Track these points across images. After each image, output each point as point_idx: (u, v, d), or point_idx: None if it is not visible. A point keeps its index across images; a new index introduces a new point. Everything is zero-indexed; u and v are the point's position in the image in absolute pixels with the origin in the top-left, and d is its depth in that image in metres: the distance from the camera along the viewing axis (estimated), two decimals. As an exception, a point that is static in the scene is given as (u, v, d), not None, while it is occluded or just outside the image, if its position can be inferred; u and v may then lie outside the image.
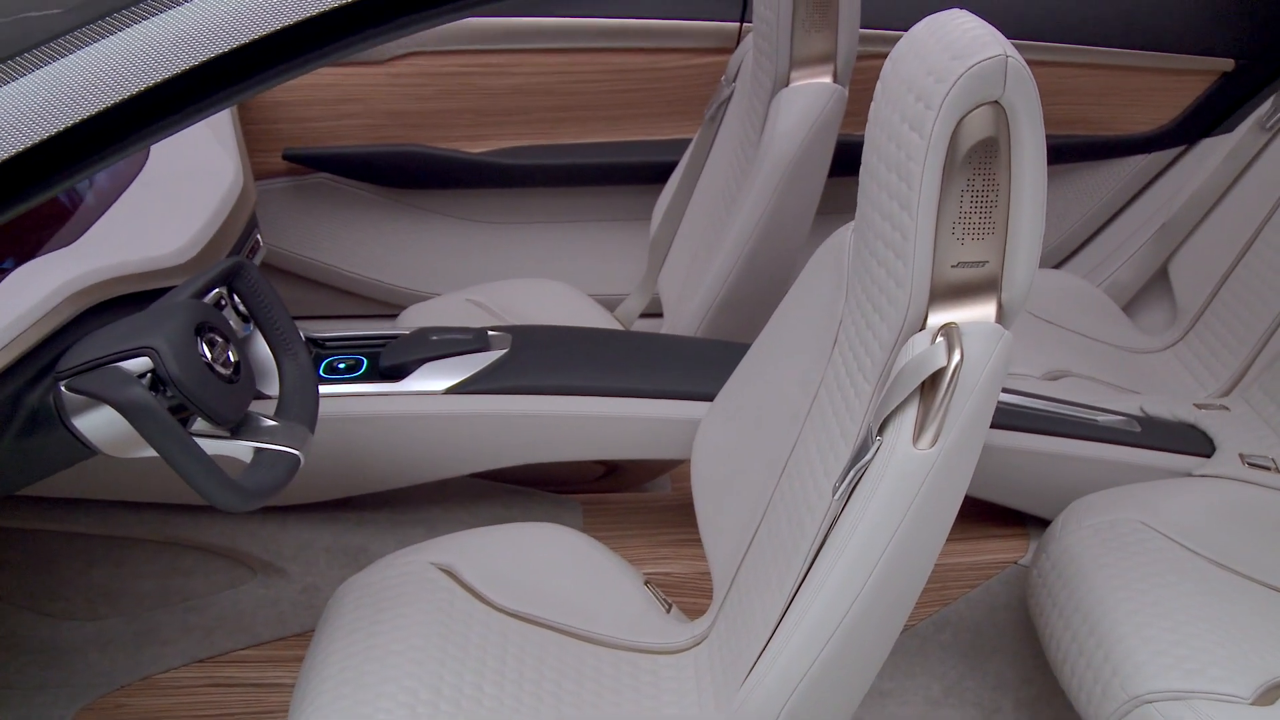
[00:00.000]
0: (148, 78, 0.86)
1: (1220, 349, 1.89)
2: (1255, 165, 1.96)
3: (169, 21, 0.86)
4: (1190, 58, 2.15)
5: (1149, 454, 1.58)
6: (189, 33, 0.86)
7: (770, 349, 1.36)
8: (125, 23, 0.86)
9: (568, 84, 2.11)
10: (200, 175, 1.50)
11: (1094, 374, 1.89)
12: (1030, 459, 1.54)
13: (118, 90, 0.86)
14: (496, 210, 2.23)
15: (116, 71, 0.85)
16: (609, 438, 1.51)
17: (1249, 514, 1.51)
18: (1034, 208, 0.99)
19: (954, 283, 1.01)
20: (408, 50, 2.03)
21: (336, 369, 1.52)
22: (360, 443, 1.48)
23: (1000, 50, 0.95)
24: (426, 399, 1.48)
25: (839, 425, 1.14)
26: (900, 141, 1.00)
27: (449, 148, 2.13)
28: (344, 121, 2.08)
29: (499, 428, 1.49)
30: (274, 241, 2.17)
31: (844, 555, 1.03)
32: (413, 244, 2.23)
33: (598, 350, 1.59)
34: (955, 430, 0.99)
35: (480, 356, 1.52)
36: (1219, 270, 1.94)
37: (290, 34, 0.86)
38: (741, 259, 1.71)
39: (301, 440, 1.19)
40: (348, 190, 2.17)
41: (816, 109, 1.63)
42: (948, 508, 1.04)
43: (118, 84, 0.86)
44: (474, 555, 1.41)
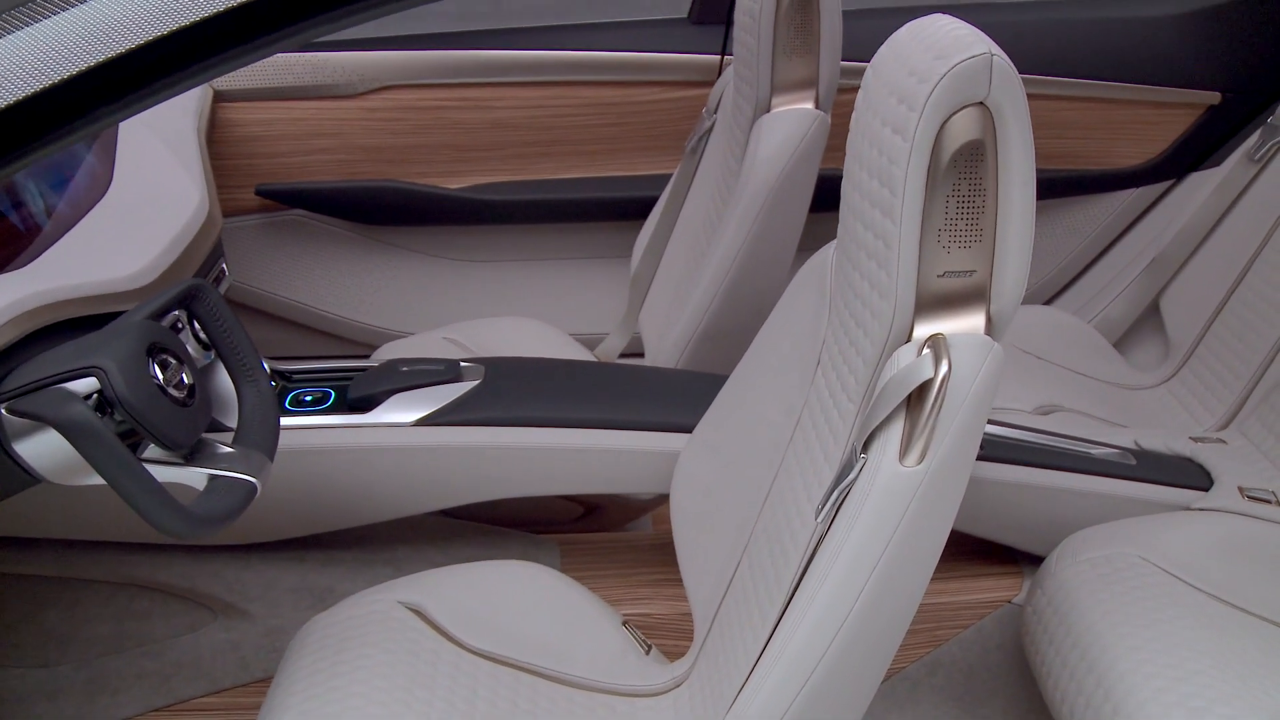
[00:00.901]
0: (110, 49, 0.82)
1: (1215, 383, 1.85)
2: (1244, 198, 1.93)
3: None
4: (1176, 90, 2.13)
5: (1145, 487, 1.53)
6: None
7: (751, 376, 1.31)
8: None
9: (546, 118, 2.07)
10: (164, 201, 1.45)
11: (1086, 409, 1.85)
12: (1022, 493, 1.49)
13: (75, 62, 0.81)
14: (473, 247, 2.19)
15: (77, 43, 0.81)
16: (586, 471, 1.45)
17: (1250, 548, 1.46)
18: (1023, 214, 0.95)
19: (940, 293, 0.97)
20: (382, 84, 2.00)
21: (303, 402, 1.47)
22: (327, 477, 1.42)
23: (985, 49, 0.91)
24: (395, 431, 1.42)
25: (822, 449, 1.08)
26: (882, 146, 0.96)
27: (425, 183, 2.09)
28: (317, 156, 2.04)
29: (471, 461, 1.43)
30: (246, 279, 2.13)
31: (828, 581, 0.97)
32: (388, 282, 2.18)
33: (574, 381, 1.53)
34: (944, 446, 0.94)
35: (452, 388, 1.47)
36: (1211, 304, 1.90)
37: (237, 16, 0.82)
38: (723, 289, 1.66)
39: (259, 468, 1.13)
40: (321, 227, 2.12)
41: (799, 134, 1.60)
42: (937, 530, 0.99)
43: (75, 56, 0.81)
44: (444, 594, 1.34)
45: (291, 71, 1.96)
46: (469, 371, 1.50)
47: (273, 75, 1.96)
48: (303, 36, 0.85)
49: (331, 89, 1.98)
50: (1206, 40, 2.12)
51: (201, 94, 1.83)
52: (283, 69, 1.96)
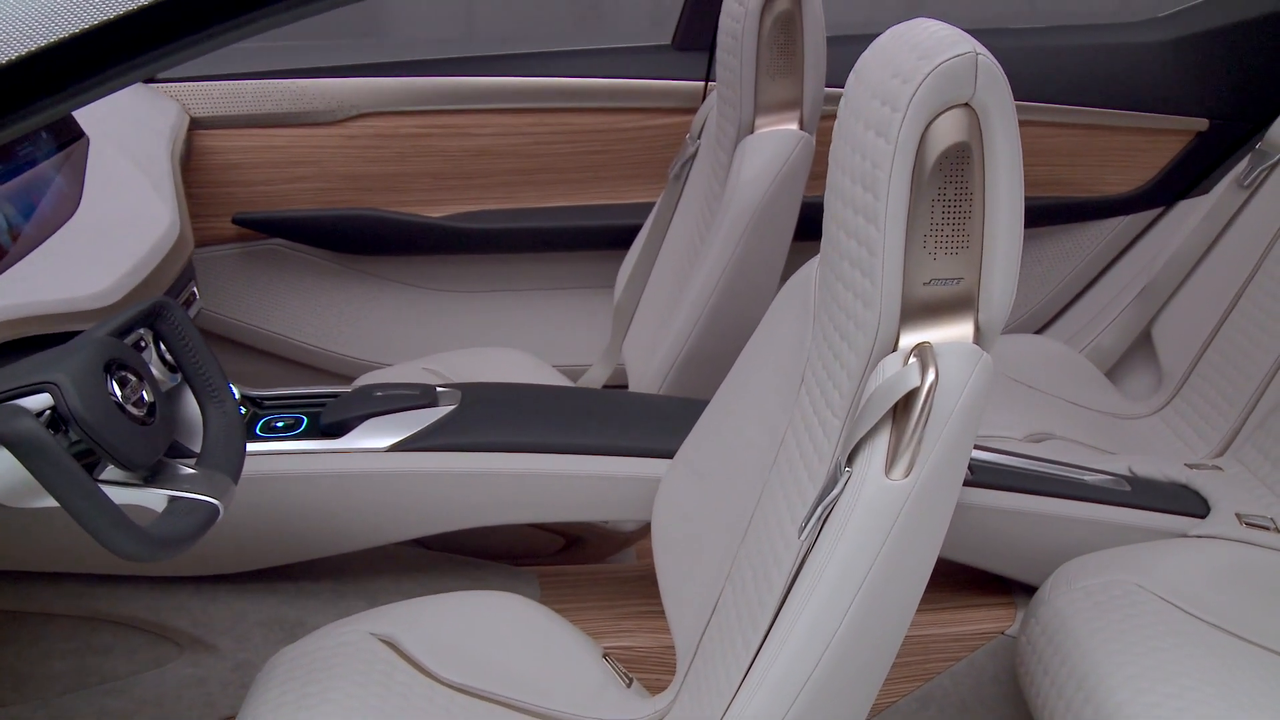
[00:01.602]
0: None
1: (1209, 411, 1.82)
2: (1234, 224, 1.90)
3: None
4: (1164, 117, 2.11)
5: (1141, 514, 1.49)
6: None
7: (734, 397, 1.27)
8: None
9: (528, 145, 2.05)
10: (133, 222, 1.42)
11: (1079, 438, 1.81)
12: (1014, 520, 1.44)
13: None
14: (454, 277, 2.16)
15: None
16: (566, 498, 1.41)
17: (1249, 575, 1.42)
18: (1011, 219, 0.91)
19: (927, 301, 0.93)
20: (362, 111, 1.97)
21: (274, 428, 1.42)
22: (298, 504, 1.38)
23: (970, 48, 0.88)
24: (369, 457, 1.38)
25: (806, 468, 1.04)
26: (865, 150, 0.93)
27: (405, 212, 2.06)
28: (296, 185, 2.01)
29: (446, 487, 1.39)
30: (222, 310, 2.09)
31: (812, 601, 0.93)
32: (367, 312, 2.15)
33: (552, 407, 1.49)
34: (932, 459, 0.90)
35: (427, 413, 1.42)
36: (1203, 332, 1.88)
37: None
38: (705, 313, 1.63)
39: (222, 490, 1.09)
40: (299, 256, 2.09)
41: (782, 155, 1.57)
42: (926, 547, 0.94)
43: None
44: (417, 625, 1.30)
45: (270, 99, 1.94)
46: (445, 396, 1.46)
47: (250, 102, 1.93)
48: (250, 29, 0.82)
49: (310, 116, 1.96)
50: (1194, 67, 2.11)
51: (177, 120, 1.80)
52: (261, 96, 1.93)
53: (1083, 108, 2.10)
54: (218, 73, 1.94)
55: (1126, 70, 2.11)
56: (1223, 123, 2.12)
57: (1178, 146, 2.14)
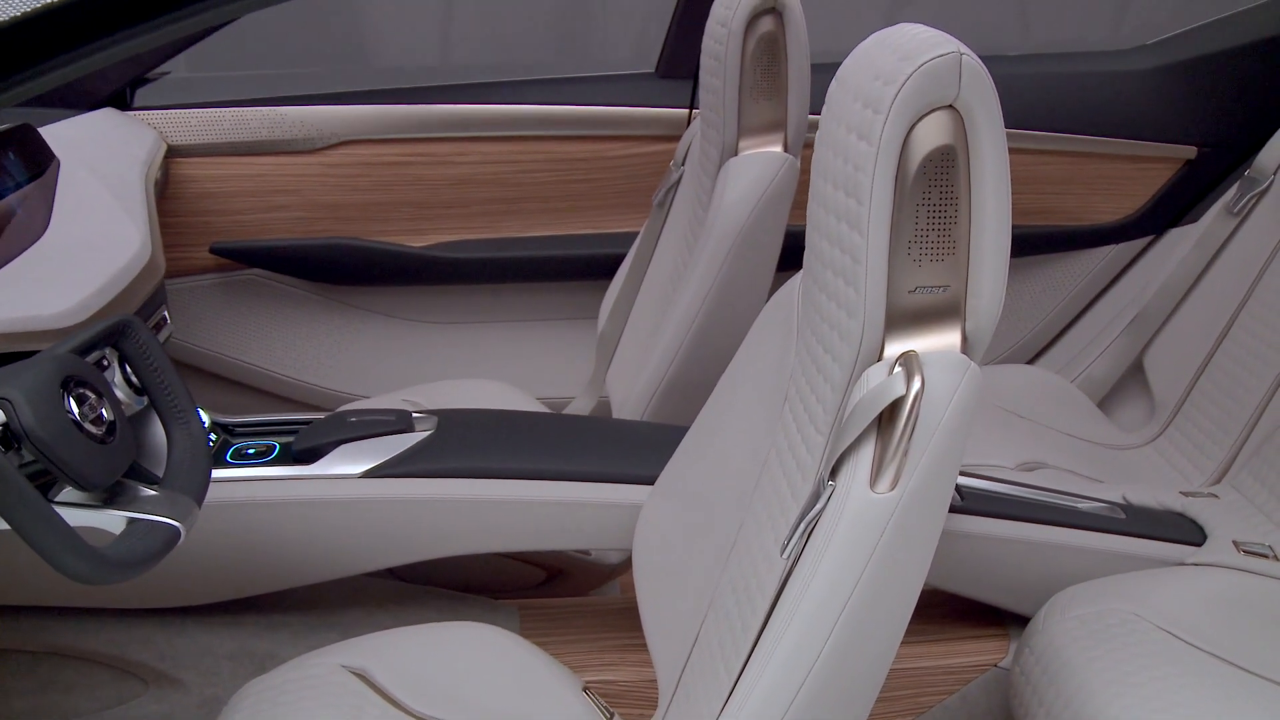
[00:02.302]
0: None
1: (1203, 440, 1.78)
2: (1225, 251, 1.88)
3: None
4: (1152, 144, 2.10)
5: (1136, 542, 1.45)
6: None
7: (716, 420, 1.23)
8: None
9: (511, 174, 2.02)
10: (102, 244, 1.38)
11: (1072, 467, 1.78)
12: (1007, 548, 1.41)
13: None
14: (436, 308, 2.12)
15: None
16: (545, 526, 1.37)
17: (1248, 604, 1.38)
18: (998, 225, 0.89)
19: (912, 309, 0.90)
20: (342, 139, 1.94)
21: (245, 455, 1.38)
22: (268, 532, 1.34)
23: (954, 48, 0.86)
24: (341, 483, 1.34)
25: (790, 486, 1.01)
26: (848, 154, 0.90)
27: (386, 241, 2.03)
28: (275, 214, 1.98)
29: (422, 514, 1.35)
30: (199, 341, 2.05)
31: (794, 621, 0.89)
32: (347, 344, 2.11)
33: (531, 433, 1.46)
34: (919, 471, 0.86)
35: (402, 438, 1.39)
36: (1196, 360, 1.85)
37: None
38: (689, 338, 1.59)
39: (185, 512, 1.04)
40: (278, 287, 2.05)
41: (767, 177, 1.54)
42: (913, 565, 0.90)
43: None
44: (390, 657, 1.25)
45: (248, 126, 1.91)
46: (421, 422, 1.42)
47: (229, 130, 1.91)
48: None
49: (289, 144, 1.93)
50: (1182, 94, 2.10)
51: (154, 146, 1.77)
52: (239, 124, 1.91)
53: (1071, 135, 2.08)
54: (196, 101, 1.92)
55: (1114, 98, 2.09)
56: (1211, 150, 2.10)
57: (1167, 174, 2.13)
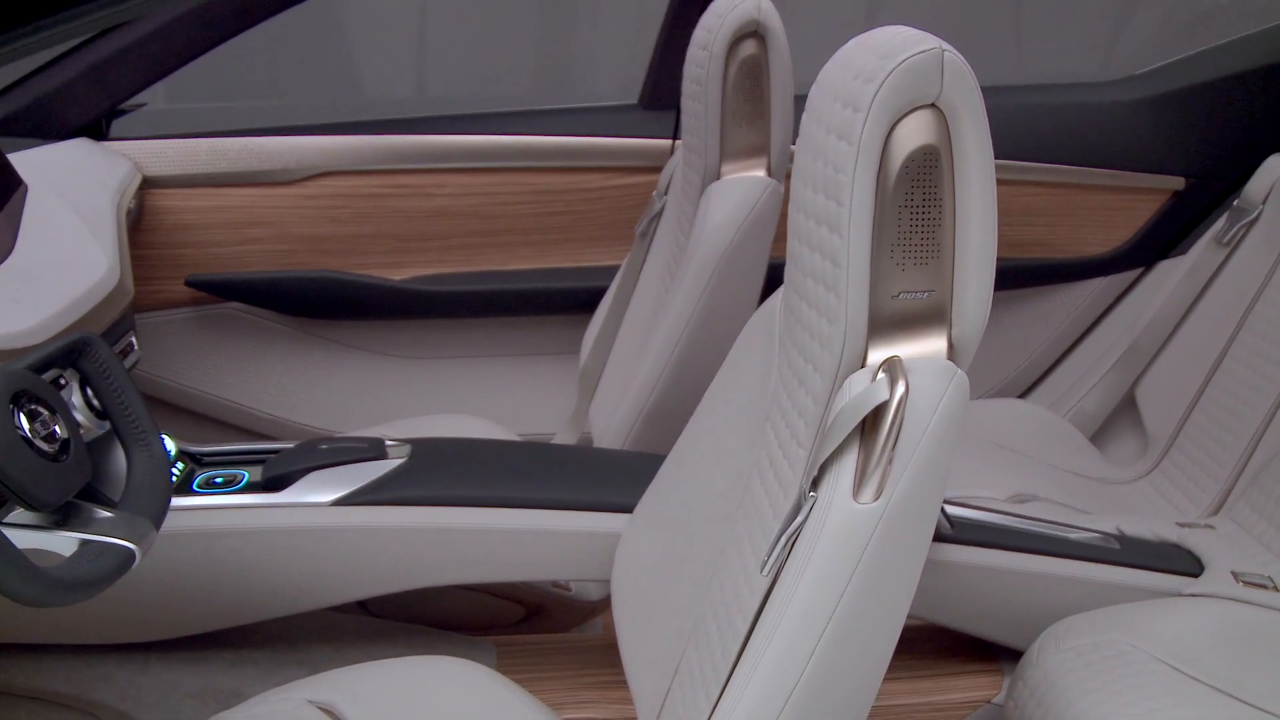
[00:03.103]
0: None
1: (1198, 473, 1.74)
2: (1215, 282, 1.86)
3: None
4: (1141, 175, 2.08)
5: (1131, 573, 1.41)
6: None
7: (696, 442, 1.19)
8: None
9: (492, 206, 1.99)
10: (67, 267, 1.35)
11: (1064, 500, 1.74)
12: (997, 579, 1.36)
13: None
14: (415, 343, 2.09)
15: None
16: (520, 555, 1.32)
17: (1248, 636, 1.34)
18: (983, 227, 0.85)
19: (896, 314, 0.87)
20: (320, 170, 1.91)
21: (213, 484, 1.34)
22: (234, 563, 1.29)
23: (935, 44, 0.83)
24: (311, 511, 1.29)
25: (771, 504, 0.97)
26: (828, 156, 0.87)
27: (365, 274, 2.00)
28: (252, 246, 1.94)
29: (394, 544, 1.30)
30: (175, 376, 2.01)
31: (775, 639, 0.84)
32: (325, 380, 2.07)
33: (508, 461, 1.41)
34: (904, 480, 0.82)
35: (375, 465, 1.34)
36: (1189, 393, 1.82)
37: None
38: (670, 365, 1.56)
39: (141, 534, 1.00)
40: (255, 321, 2.02)
41: (750, 202, 1.51)
42: (899, 581, 0.86)
43: None
44: (359, 692, 1.20)
45: (225, 157, 1.88)
46: (394, 450, 1.38)
47: (206, 161, 1.88)
48: None
49: (267, 175, 1.90)
50: (1169, 125, 2.08)
51: (127, 176, 1.74)
52: (216, 155, 1.88)
53: (1059, 166, 2.06)
54: (172, 132, 1.89)
55: (1101, 129, 2.08)
56: (1199, 181, 2.09)
57: (1155, 205, 2.11)
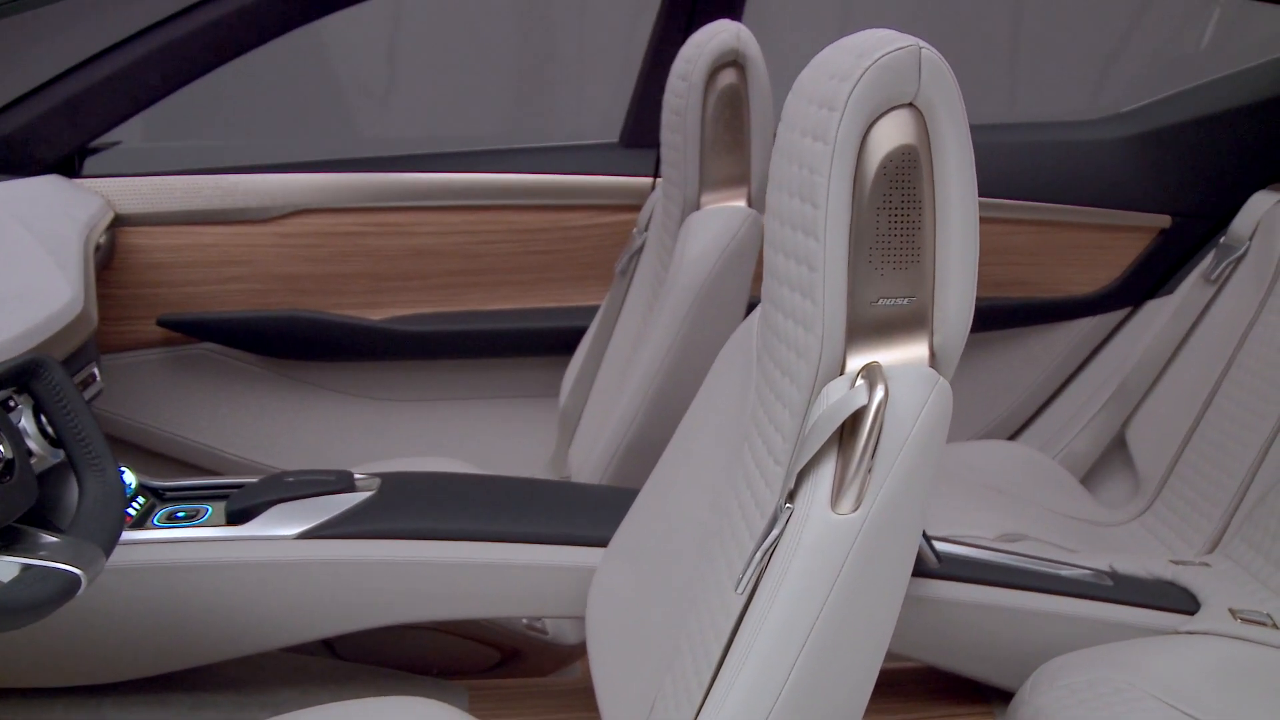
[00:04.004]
0: None
1: (1191, 513, 1.71)
2: (1204, 320, 1.83)
3: None
4: (1126, 214, 2.07)
5: (1125, 610, 1.36)
6: None
7: (673, 471, 1.16)
8: None
9: (472, 245, 1.96)
10: (28, 295, 1.31)
11: (1055, 540, 1.70)
12: (988, 616, 1.32)
13: None
14: (393, 385, 2.05)
15: None
16: (492, 591, 1.28)
17: (1248, 674, 1.29)
18: (964, 231, 0.82)
19: (875, 321, 0.83)
20: (297, 208, 1.88)
21: (175, 519, 1.29)
22: (194, 599, 1.24)
23: (912, 42, 0.81)
24: (275, 544, 1.25)
25: (747, 525, 0.92)
26: (803, 158, 0.85)
27: (342, 314, 1.96)
28: (227, 285, 1.91)
29: (362, 578, 1.26)
30: (146, 419, 1.96)
31: (749, 661, 0.80)
32: (301, 422, 2.03)
33: (480, 494, 1.37)
34: (885, 490, 0.79)
35: (342, 498, 1.30)
36: (1180, 432, 1.78)
37: None
38: (649, 398, 1.52)
39: (88, 560, 0.95)
40: (229, 362, 1.98)
41: (729, 232, 1.49)
42: (881, 599, 0.82)
43: None
44: None
45: (200, 195, 1.85)
46: (363, 483, 1.34)
47: (180, 199, 1.85)
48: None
49: (242, 213, 1.87)
50: (1154, 163, 2.07)
51: (99, 211, 1.71)
52: (191, 192, 1.85)
53: (1044, 204, 2.05)
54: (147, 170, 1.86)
55: (1086, 167, 2.06)
56: (1185, 219, 2.07)
57: (1141, 244, 2.09)
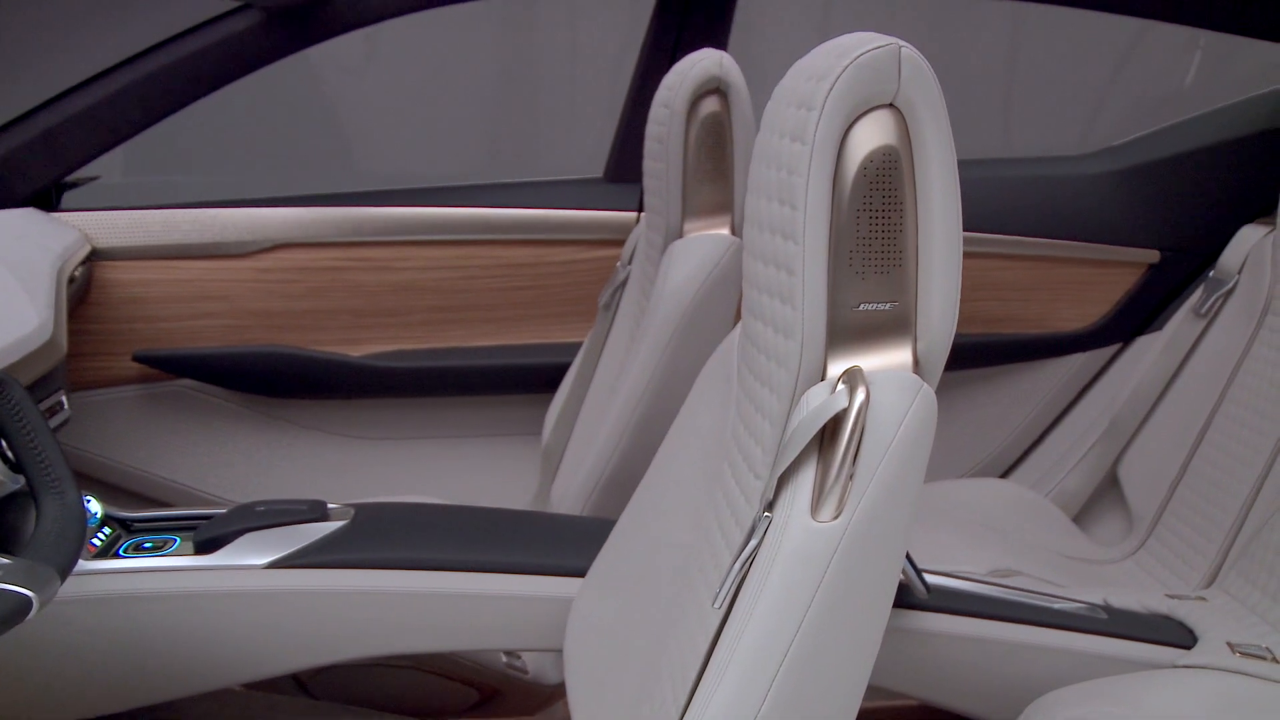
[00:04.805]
0: None
1: (1185, 550, 1.67)
2: (1195, 355, 1.81)
3: None
4: (1115, 249, 2.05)
5: (1121, 644, 1.32)
6: None
7: (651, 494, 1.12)
8: None
9: (455, 280, 1.94)
10: (-6, 321, 1.28)
11: (1048, 577, 1.66)
12: (979, 649, 1.28)
13: None
14: (373, 423, 2.01)
15: None
16: (468, 622, 1.23)
17: (1248, 709, 1.25)
18: (947, 235, 0.80)
19: (857, 326, 0.81)
20: (276, 242, 1.86)
21: (142, 549, 1.25)
22: (159, 631, 1.19)
23: (891, 41, 0.79)
24: (244, 573, 1.21)
25: (726, 540, 0.89)
26: (781, 160, 0.83)
27: (322, 350, 1.93)
28: (205, 321, 1.88)
29: (333, 609, 1.21)
30: (121, 458, 1.92)
31: (727, 677, 0.76)
32: (279, 461, 1.99)
33: (455, 524, 1.33)
34: (867, 498, 0.75)
35: (315, 527, 1.26)
36: (1173, 468, 1.75)
37: None
38: (630, 428, 1.49)
39: (42, 583, 0.92)
40: (206, 399, 1.94)
41: (713, 259, 1.46)
42: (865, 611, 0.79)
43: None
44: None
45: (178, 229, 1.83)
46: (337, 513, 1.30)
47: (157, 233, 1.83)
48: None
49: (221, 248, 1.85)
50: (1142, 198, 2.06)
51: (74, 243, 1.69)
52: (168, 226, 1.83)
53: (1033, 239, 2.03)
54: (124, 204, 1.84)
55: (1075, 201, 2.05)
56: (1173, 254, 2.06)
57: (1131, 279, 2.07)
